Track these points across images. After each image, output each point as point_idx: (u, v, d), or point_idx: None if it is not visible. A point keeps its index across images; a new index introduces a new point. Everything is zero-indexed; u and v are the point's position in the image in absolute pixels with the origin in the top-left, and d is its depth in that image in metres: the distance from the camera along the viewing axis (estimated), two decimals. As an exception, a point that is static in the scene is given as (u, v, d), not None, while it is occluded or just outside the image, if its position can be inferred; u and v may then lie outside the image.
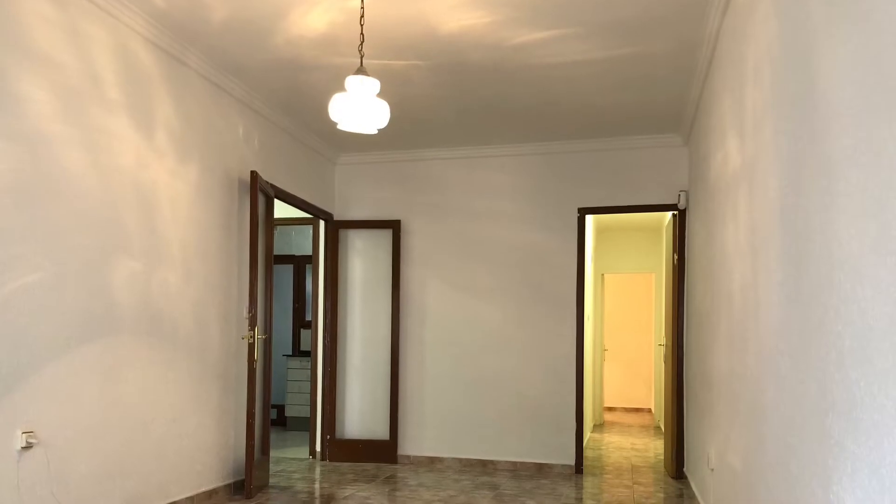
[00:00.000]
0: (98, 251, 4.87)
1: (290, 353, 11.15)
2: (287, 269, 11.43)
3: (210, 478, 6.11)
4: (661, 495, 6.71)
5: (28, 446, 4.27)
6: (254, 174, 6.42)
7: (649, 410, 15.24)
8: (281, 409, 11.09)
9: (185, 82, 5.83)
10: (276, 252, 10.41)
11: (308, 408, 9.76)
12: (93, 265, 4.82)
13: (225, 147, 6.37)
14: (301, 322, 11.38)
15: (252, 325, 6.29)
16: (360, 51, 4.82)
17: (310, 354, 9.77)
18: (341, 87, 6.29)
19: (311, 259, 8.81)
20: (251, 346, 6.28)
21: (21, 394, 4.25)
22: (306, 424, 10.19)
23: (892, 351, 1.81)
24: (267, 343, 6.72)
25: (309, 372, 10.12)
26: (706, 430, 5.75)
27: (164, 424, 5.54)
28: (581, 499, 6.53)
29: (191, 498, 5.82)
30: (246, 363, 6.50)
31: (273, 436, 9.86)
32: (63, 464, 4.55)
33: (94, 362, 4.83)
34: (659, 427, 12.23)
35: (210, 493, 6.07)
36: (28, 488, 4.28)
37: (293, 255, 11.41)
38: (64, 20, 4.59)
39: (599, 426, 12.58)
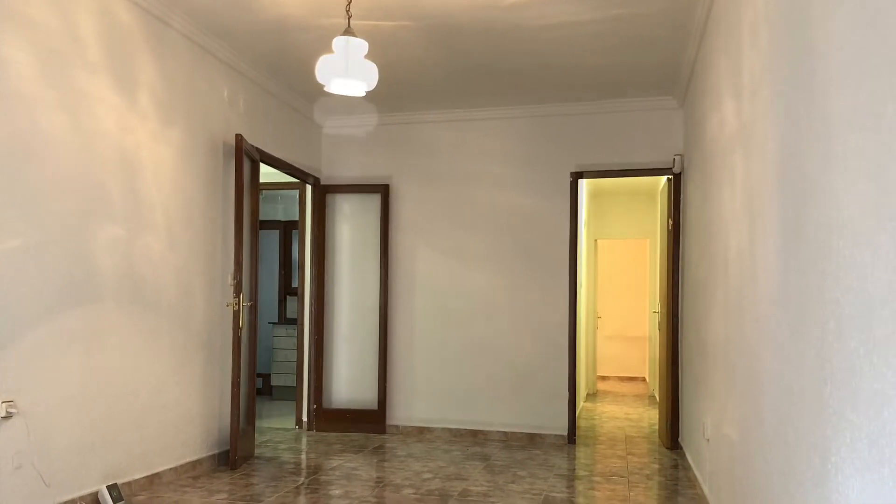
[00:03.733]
0: (79, 216, 4.75)
1: (276, 321, 11.04)
2: (273, 235, 11.29)
3: (194, 448, 6.02)
4: (656, 466, 6.63)
5: (7, 416, 4.19)
6: (239, 137, 6.28)
7: (643, 379, 15.19)
8: (266, 378, 10.99)
9: (169, 44, 5.68)
10: (263, 217, 10.27)
11: (294, 377, 9.66)
12: (74, 231, 4.71)
13: (209, 110, 6.22)
14: (287, 289, 11.26)
15: (237, 292, 6.18)
16: (347, 11, 4.69)
17: (296, 322, 9.66)
18: (329, 50, 6.15)
19: (298, 224, 8.68)
20: (236, 314, 6.17)
21: (0, 363, 4.14)
22: (292, 394, 10.08)
23: (891, 318, 1.75)
24: (252, 310, 6.60)
25: (295, 340, 9.98)
26: (702, 399, 5.68)
27: (146, 394, 5.44)
28: (573, 470, 6.45)
29: (174, 469, 5.73)
30: (231, 331, 6.38)
31: (258, 406, 9.76)
32: (43, 434, 4.45)
33: (75, 330, 4.72)
34: (654, 396, 12.17)
35: (194, 464, 5.98)
36: (7, 459, 4.20)
37: (279, 221, 11.27)
38: (44, -20, 4.45)
39: (593, 395, 12.53)
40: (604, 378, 15.46)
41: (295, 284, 10.92)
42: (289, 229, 11.21)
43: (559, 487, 5.73)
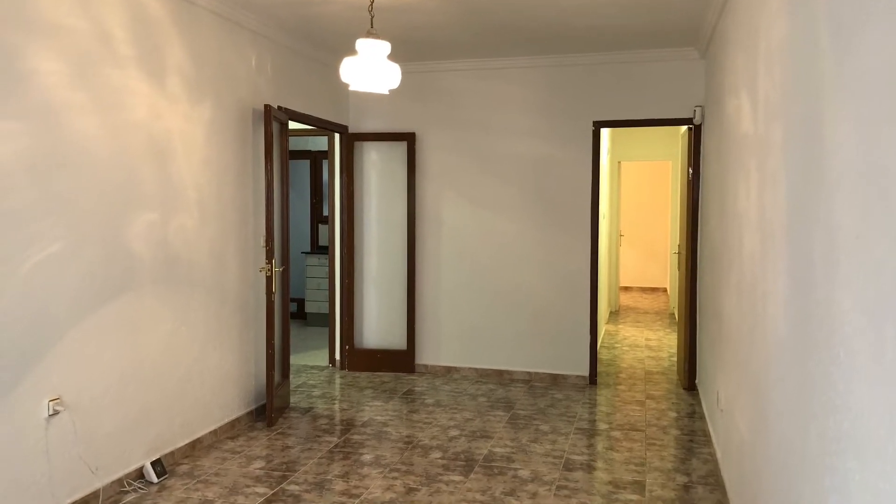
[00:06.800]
0: (115, 211, 4.92)
1: (309, 251, 11.30)
2: (304, 165, 11.49)
3: (232, 408, 6.33)
4: (673, 414, 6.89)
5: (55, 413, 4.43)
6: (267, 108, 6.38)
7: (665, 290, 15.43)
8: (301, 302, 11.35)
9: (196, 21, 5.73)
10: (292, 148, 10.44)
11: (326, 304, 9.98)
12: (110, 226, 4.88)
13: (238, 80, 6.32)
14: (318, 217, 11.49)
15: (269, 257, 6.38)
16: (370, 11, 4.75)
17: (327, 251, 9.91)
18: (355, 14, 6.20)
19: (327, 154, 8.86)
20: (269, 279, 6.39)
21: (45, 363, 4.38)
22: (325, 320, 10.42)
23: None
24: (284, 274, 6.81)
25: (326, 269, 10.30)
26: (717, 363, 5.84)
27: (185, 366, 5.71)
28: (594, 422, 6.73)
29: (214, 431, 6.04)
30: (264, 295, 6.62)
31: (294, 332, 10.13)
32: (89, 424, 4.73)
33: (114, 320, 4.95)
34: (673, 315, 12.41)
35: (232, 424, 6.30)
36: (57, 454, 4.47)
37: (309, 151, 11.43)
38: (71, -16, 4.52)
39: (615, 314, 12.79)
40: (626, 289, 15.72)
41: (325, 213, 11.14)
42: (319, 159, 11.42)
43: (579, 447, 6.00)
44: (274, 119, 6.50)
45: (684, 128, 8.05)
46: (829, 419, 2.37)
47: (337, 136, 8.47)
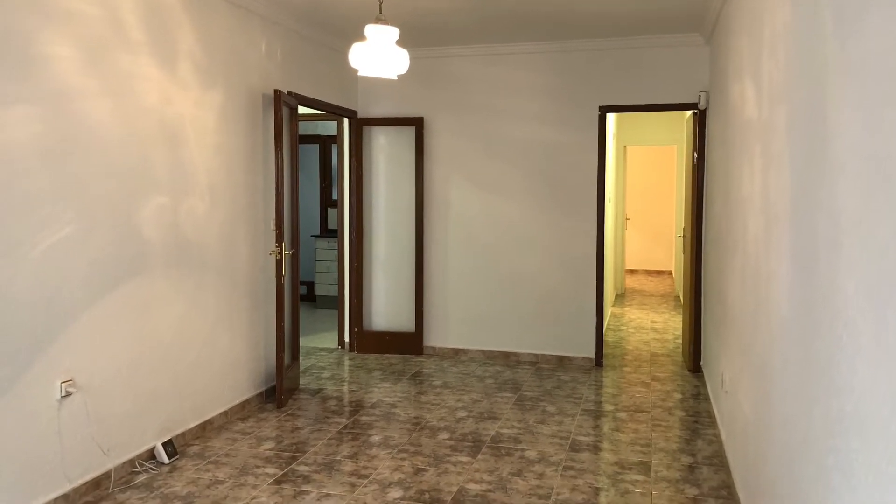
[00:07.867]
0: (126, 195, 4.96)
1: (318, 234, 11.37)
2: (313, 149, 11.56)
3: (242, 390, 6.40)
4: (678, 396, 6.95)
5: (67, 395, 4.48)
6: (277, 93, 6.43)
7: (670, 273, 15.48)
8: (310, 285, 11.43)
9: (207, 7, 5.77)
10: (302, 133, 10.49)
11: (336, 287, 10.06)
12: (121, 209, 4.92)
13: (248, 66, 6.36)
14: (328, 201, 11.56)
15: (279, 241, 6.44)
16: (378, -3, 4.79)
17: (336, 234, 9.99)
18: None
19: (336, 139, 8.93)
20: (279, 263, 6.44)
21: (58, 346, 4.43)
22: (335, 303, 10.50)
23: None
24: (294, 257, 6.87)
25: (335, 252, 10.37)
26: (721, 346, 5.89)
27: (196, 349, 5.78)
28: (600, 403, 6.79)
29: (225, 413, 6.11)
30: (274, 278, 6.68)
31: (303, 314, 10.21)
32: (100, 406, 4.78)
33: (125, 302, 5.00)
34: (678, 297, 12.46)
35: (243, 405, 6.37)
36: (69, 435, 4.53)
37: (319, 135, 11.50)
38: (82, -30, 4.56)
39: (620, 296, 12.84)
40: (632, 272, 15.76)
41: (334, 197, 11.21)
42: (328, 143, 11.50)
43: (586, 428, 6.06)
44: (283, 104, 6.55)
45: (689, 112, 8.07)
46: (832, 400, 2.39)
47: (346, 120, 8.54)
